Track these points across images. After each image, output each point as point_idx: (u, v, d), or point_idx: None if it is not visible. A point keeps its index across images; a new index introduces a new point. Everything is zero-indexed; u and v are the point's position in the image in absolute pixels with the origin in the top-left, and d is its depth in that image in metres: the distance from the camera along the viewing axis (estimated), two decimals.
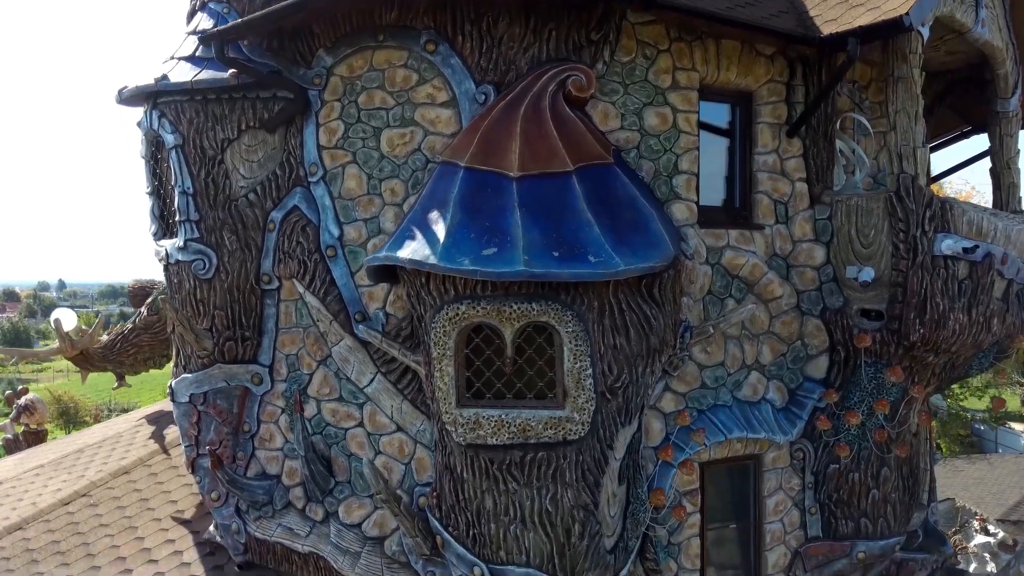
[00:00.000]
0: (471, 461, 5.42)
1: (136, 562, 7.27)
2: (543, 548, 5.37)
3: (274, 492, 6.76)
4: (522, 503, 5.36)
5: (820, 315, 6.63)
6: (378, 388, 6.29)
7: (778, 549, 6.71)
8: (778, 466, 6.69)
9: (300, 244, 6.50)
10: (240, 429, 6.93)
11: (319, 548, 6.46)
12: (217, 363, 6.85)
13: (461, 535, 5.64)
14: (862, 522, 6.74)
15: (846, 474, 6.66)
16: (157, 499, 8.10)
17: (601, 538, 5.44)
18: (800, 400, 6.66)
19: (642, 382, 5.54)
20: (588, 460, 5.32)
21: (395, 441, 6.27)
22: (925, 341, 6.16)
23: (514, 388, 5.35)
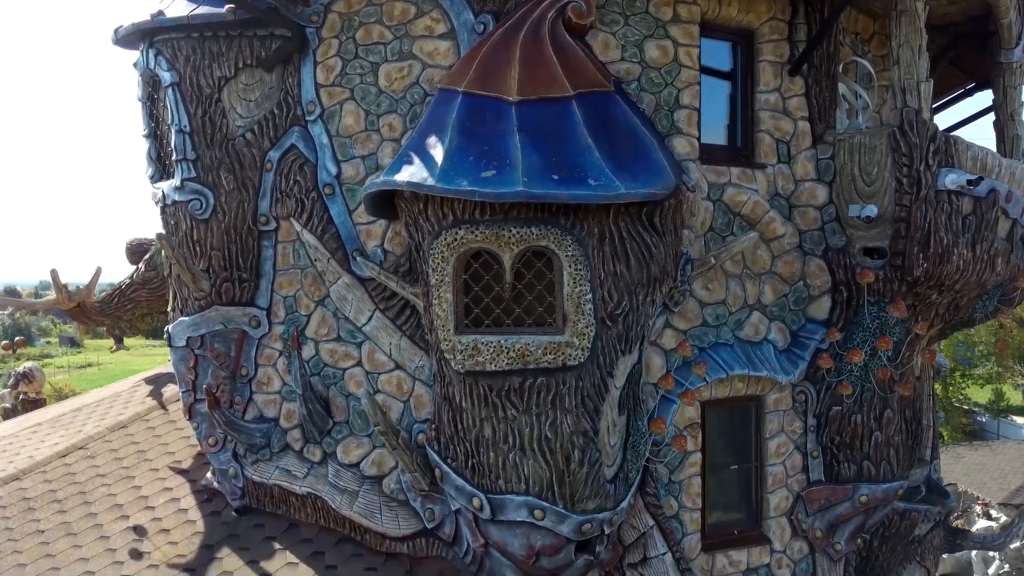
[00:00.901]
0: (470, 389, 5.36)
1: (133, 509, 7.22)
2: (542, 476, 5.32)
3: (272, 435, 6.70)
4: (521, 430, 5.30)
5: (822, 255, 6.57)
6: (376, 326, 6.23)
7: (780, 492, 6.65)
8: (780, 408, 6.63)
9: (297, 183, 6.45)
10: (238, 373, 6.87)
11: (317, 488, 6.41)
12: (214, 305, 6.80)
13: (460, 466, 5.58)
14: (864, 465, 6.68)
15: (848, 416, 6.60)
16: (154, 451, 8.05)
17: (601, 467, 5.38)
18: (802, 341, 6.59)
19: (642, 311, 5.48)
20: (588, 386, 5.26)
21: (393, 379, 6.22)
22: (929, 276, 6.09)
23: (513, 314, 5.30)
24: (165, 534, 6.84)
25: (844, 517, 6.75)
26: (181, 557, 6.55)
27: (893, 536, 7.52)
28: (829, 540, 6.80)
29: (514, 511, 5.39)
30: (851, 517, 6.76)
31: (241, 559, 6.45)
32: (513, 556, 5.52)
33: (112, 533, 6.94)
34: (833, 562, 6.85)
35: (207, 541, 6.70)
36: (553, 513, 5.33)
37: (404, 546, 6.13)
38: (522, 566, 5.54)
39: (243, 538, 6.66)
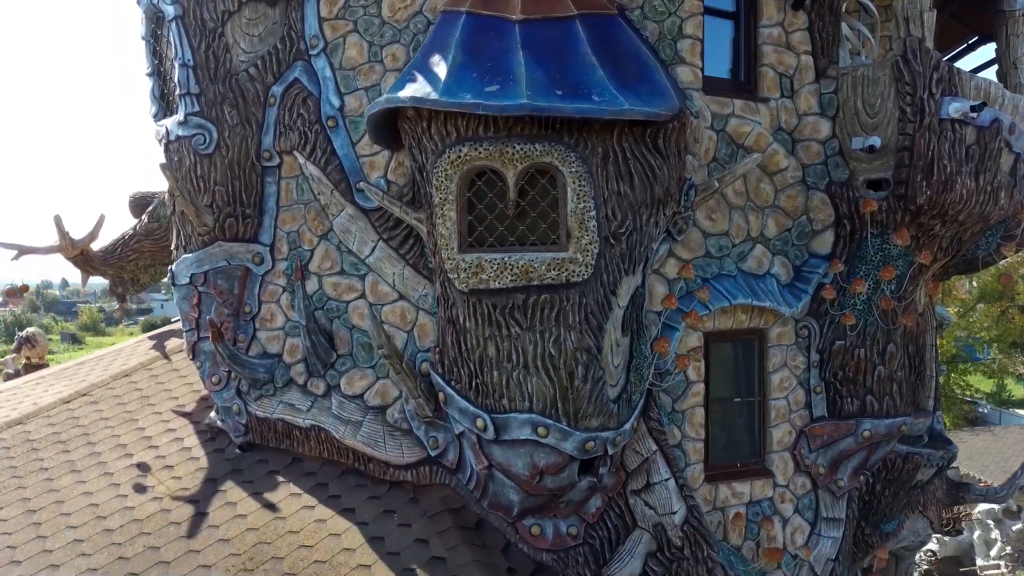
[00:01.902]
0: (473, 309, 5.37)
1: (137, 449, 7.24)
2: (546, 393, 5.32)
3: (275, 370, 6.71)
4: (525, 348, 5.30)
5: (825, 189, 6.57)
6: (380, 256, 6.24)
7: (783, 426, 6.66)
8: (782, 343, 6.63)
9: (301, 116, 6.45)
10: (241, 311, 6.88)
11: (320, 421, 6.42)
12: (218, 241, 6.81)
13: (464, 388, 5.59)
14: (867, 400, 6.68)
15: (852, 350, 6.60)
16: (158, 397, 8.08)
17: (604, 385, 5.39)
18: (805, 276, 6.60)
19: (646, 231, 5.48)
20: (591, 303, 5.26)
21: (397, 309, 6.23)
22: (932, 205, 6.10)
23: (517, 232, 5.30)
24: (169, 470, 6.86)
25: (847, 453, 6.76)
26: (185, 490, 6.58)
27: (896, 480, 7.53)
28: (832, 477, 6.80)
29: (518, 429, 5.39)
30: (854, 453, 6.76)
31: (244, 491, 6.47)
32: (517, 476, 5.53)
33: (116, 470, 6.96)
34: (836, 498, 6.86)
35: (210, 476, 6.73)
36: (557, 430, 5.33)
37: (408, 474, 6.14)
38: (525, 486, 5.55)
39: (246, 472, 6.68)
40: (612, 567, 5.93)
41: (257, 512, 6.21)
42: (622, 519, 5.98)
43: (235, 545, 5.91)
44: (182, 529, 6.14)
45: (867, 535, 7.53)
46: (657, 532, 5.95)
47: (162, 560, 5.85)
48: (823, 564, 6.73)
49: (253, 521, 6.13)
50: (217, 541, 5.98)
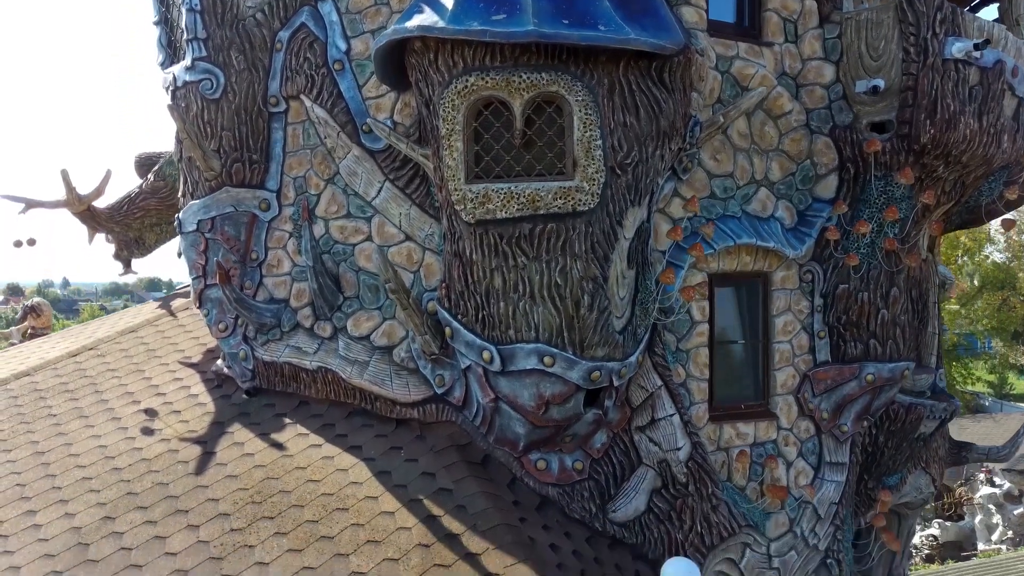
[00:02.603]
0: (480, 240, 5.41)
1: (144, 396, 7.29)
2: (552, 322, 5.36)
3: (282, 315, 6.76)
4: (531, 278, 5.34)
5: (829, 133, 6.59)
6: (386, 197, 6.28)
7: (786, 370, 6.69)
8: (786, 287, 6.67)
9: (307, 60, 6.49)
10: (248, 258, 6.93)
11: (327, 362, 6.46)
12: (224, 187, 6.85)
13: (470, 321, 5.63)
14: (871, 344, 6.72)
15: (855, 294, 6.63)
16: (164, 349, 8.13)
17: (610, 315, 5.43)
18: (809, 220, 6.63)
19: (651, 164, 5.52)
20: (597, 233, 5.30)
21: (403, 250, 6.27)
22: (935, 144, 6.13)
23: (523, 162, 5.34)
24: (176, 415, 6.92)
25: (850, 397, 6.79)
26: (192, 432, 6.63)
27: (899, 431, 7.55)
28: (835, 421, 6.83)
29: (524, 359, 5.44)
30: (857, 397, 6.79)
31: (251, 433, 6.52)
32: (523, 408, 5.57)
33: (124, 416, 7.02)
34: (839, 443, 6.89)
35: (217, 419, 6.78)
36: (563, 359, 5.38)
37: (414, 411, 6.18)
38: (532, 418, 5.59)
39: (253, 416, 6.73)
40: (617, 503, 5.97)
41: (264, 451, 6.26)
42: (627, 455, 6.02)
43: (243, 481, 5.96)
44: (190, 467, 6.19)
45: (870, 489, 7.57)
46: (662, 469, 5.99)
47: (171, 495, 5.90)
48: (826, 507, 6.77)
49: (260, 459, 6.17)
50: (225, 477, 6.03)
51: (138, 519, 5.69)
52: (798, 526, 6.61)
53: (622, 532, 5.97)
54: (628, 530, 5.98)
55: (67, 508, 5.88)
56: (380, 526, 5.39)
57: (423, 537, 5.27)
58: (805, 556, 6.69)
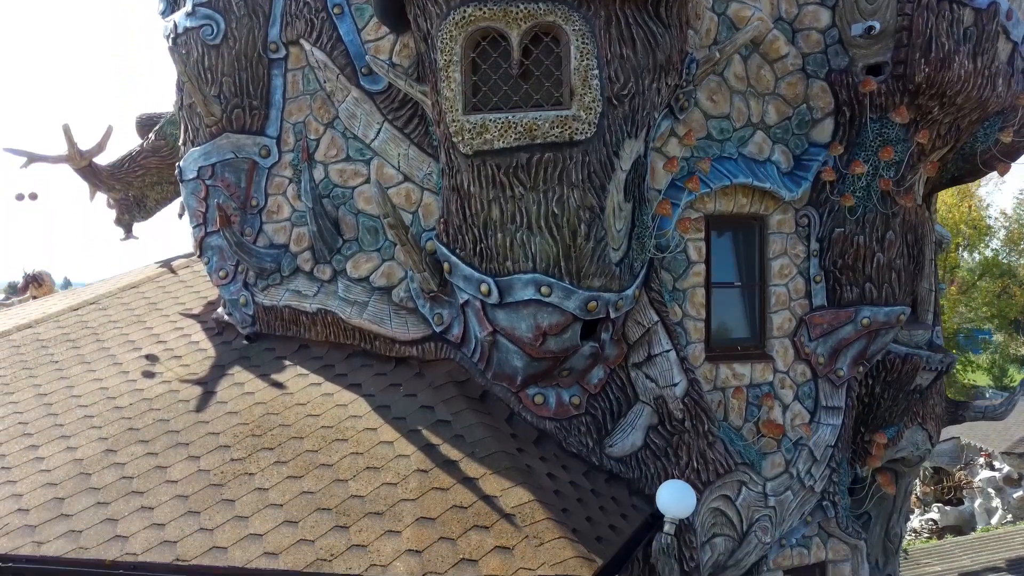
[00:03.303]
0: (478, 171, 5.45)
1: (145, 344, 7.35)
2: (549, 252, 5.41)
3: (282, 260, 6.81)
4: (528, 208, 5.39)
5: (825, 77, 6.62)
6: (385, 138, 6.33)
7: (783, 313, 6.73)
8: (783, 230, 6.71)
9: (307, 4, 6.54)
10: (248, 204, 6.98)
11: (327, 304, 6.52)
12: (225, 132, 6.90)
13: (468, 254, 5.67)
14: (867, 287, 6.76)
15: (851, 237, 6.68)
16: (165, 303, 8.19)
17: (606, 246, 5.48)
18: (805, 164, 6.67)
19: (648, 97, 5.56)
20: (594, 163, 5.35)
21: (402, 191, 6.32)
22: (930, 84, 6.17)
23: (520, 92, 5.38)
24: (177, 359, 6.97)
25: (846, 342, 6.83)
26: (193, 375, 6.68)
27: (895, 382, 7.60)
28: (831, 366, 6.88)
29: (521, 290, 5.48)
30: (853, 342, 6.83)
31: (251, 374, 6.57)
32: (520, 340, 5.62)
33: (125, 361, 7.07)
34: (835, 388, 6.93)
35: (218, 363, 6.83)
36: (560, 289, 5.42)
37: (413, 350, 6.24)
38: (529, 350, 5.64)
39: (253, 359, 6.78)
40: (613, 438, 6.02)
41: (264, 390, 6.31)
42: (624, 392, 6.07)
43: (243, 416, 6.01)
44: (191, 405, 6.25)
45: (867, 442, 7.61)
46: (658, 405, 6.04)
47: (171, 430, 5.96)
48: (822, 449, 6.81)
49: (260, 397, 6.23)
50: (225, 413, 6.08)
51: (139, 451, 5.74)
52: (794, 467, 6.65)
53: (619, 467, 6.02)
54: (625, 465, 6.03)
55: (69, 443, 5.94)
56: (379, 454, 5.44)
57: (421, 463, 5.33)
58: (801, 497, 6.74)
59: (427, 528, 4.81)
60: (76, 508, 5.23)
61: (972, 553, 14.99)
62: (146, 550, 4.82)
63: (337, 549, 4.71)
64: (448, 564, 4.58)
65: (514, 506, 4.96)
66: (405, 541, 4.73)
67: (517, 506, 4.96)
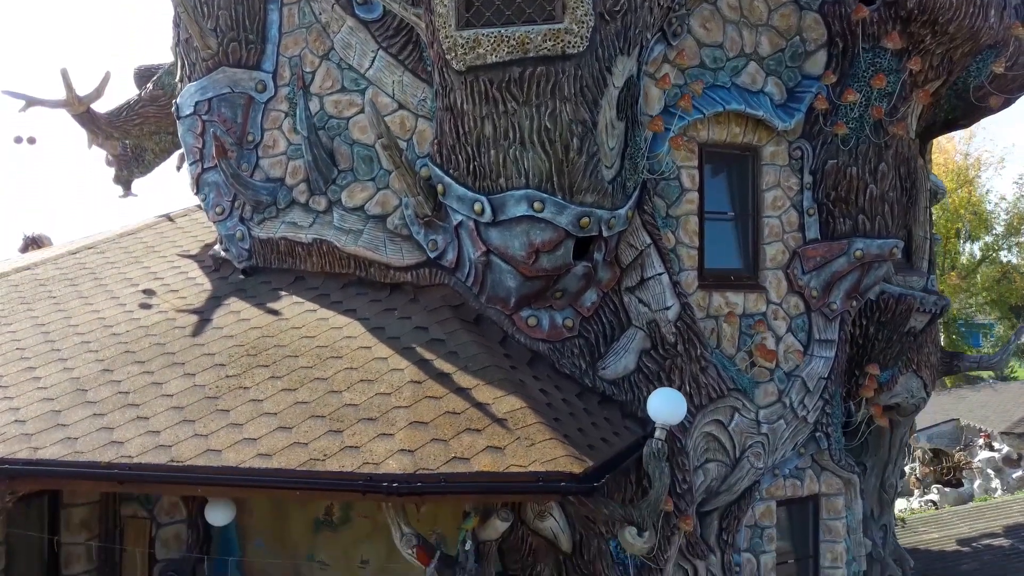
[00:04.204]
0: (471, 88, 5.49)
1: (142, 281, 7.39)
2: (542, 167, 5.45)
3: (278, 193, 6.85)
4: (521, 123, 5.43)
5: (818, 9, 6.66)
6: (380, 67, 6.37)
7: (776, 244, 6.77)
8: (776, 162, 6.75)
9: None
10: (244, 140, 7.02)
11: (322, 234, 6.55)
12: (221, 66, 6.94)
13: (461, 174, 5.71)
14: (860, 219, 6.79)
15: (844, 169, 6.71)
16: (163, 247, 8.23)
17: (599, 162, 5.51)
18: (798, 95, 6.70)
19: (640, 15, 5.60)
20: (586, 76, 5.38)
21: (397, 119, 6.35)
22: (922, 9, 6.21)
23: (513, 6, 5.42)
24: (174, 293, 7.01)
25: (840, 274, 6.86)
26: (189, 306, 6.72)
27: (889, 322, 7.63)
28: (825, 300, 6.91)
29: (514, 207, 5.52)
30: (846, 274, 6.86)
31: (248, 303, 6.61)
32: (513, 259, 5.66)
33: (122, 296, 7.11)
34: (829, 321, 6.96)
35: (214, 295, 6.87)
36: (552, 204, 5.46)
37: (408, 275, 6.28)
38: (523, 268, 5.68)
39: (250, 291, 6.82)
40: (606, 360, 6.06)
41: (260, 316, 6.36)
42: (617, 316, 6.11)
43: (239, 339, 6.05)
44: (187, 331, 6.29)
45: (861, 385, 7.63)
46: (651, 329, 6.08)
47: (168, 352, 6.00)
48: (815, 381, 6.84)
49: (256, 323, 6.27)
50: (221, 337, 6.12)
51: (135, 371, 5.79)
52: (787, 396, 6.69)
53: (612, 389, 6.06)
54: (618, 387, 6.06)
55: (66, 364, 5.98)
56: (373, 368, 5.49)
57: (415, 376, 5.37)
58: (794, 427, 6.77)
59: (420, 431, 4.86)
60: (72, 419, 5.27)
61: (970, 521, 15.02)
62: (141, 453, 4.87)
63: (330, 450, 4.76)
64: (440, 462, 4.62)
65: (506, 412, 5.00)
66: (398, 442, 4.77)
67: (509, 412, 5.00)
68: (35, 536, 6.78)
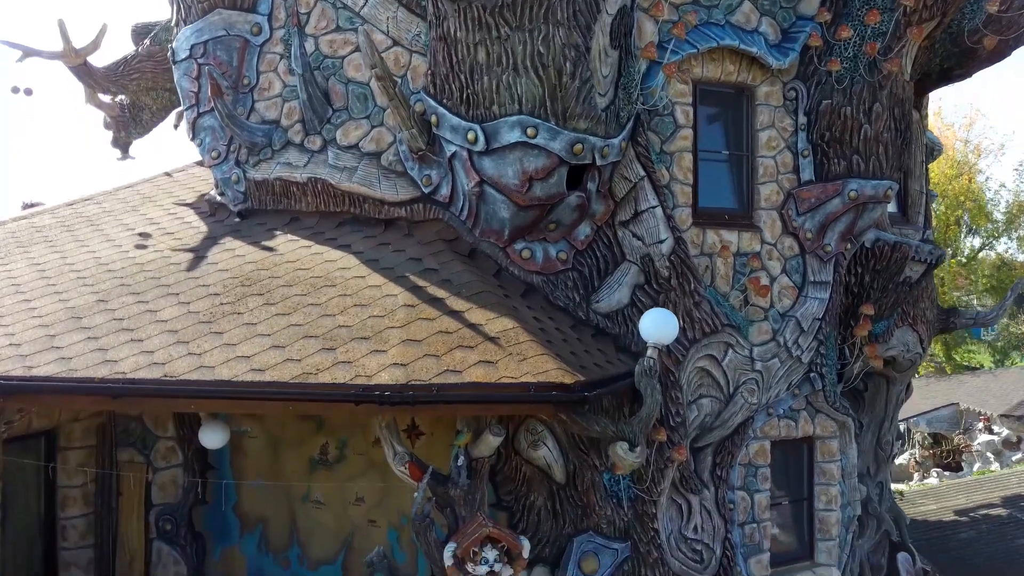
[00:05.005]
0: (464, 15, 5.50)
1: (140, 225, 7.41)
2: (535, 92, 5.46)
3: (273, 134, 6.86)
4: (514, 49, 5.44)
5: None
6: (374, 4, 6.38)
7: (770, 185, 6.77)
8: (770, 103, 6.75)
9: None
10: (240, 83, 7.03)
11: (317, 173, 6.57)
12: (217, 8, 6.95)
13: (455, 103, 5.73)
14: (854, 159, 6.79)
15: (838, 109, 6.70)
16: (160, 197, 8.25)
17: (592, 88, 5.53)
18: (792, 36, 6.69)
19: None
20: (579, 1, 5.40)
21: (391, 56, 6.35)
22: None
23: None
24: (170, 235, 7.03)
25: (834, 215, 6.85)
26: (185, 245, 6.74)
27: (884, 270, 7.63)
28: (820, 242, 6.90)
29: (507, 133, 5.53)
30: (841, 215, 6.86)
31: (243, 242, 6.62)
32: (507, 187, 5.67)
33: (118, 239, 7.13)
34: (823, 263, 6.96)
35: (210, 236, 6.89)
36: (545, 129, 5.48)
37: (402, 211, 6.30)
38: (516, 197, 5.69)
39: (245, 232, 6.84)
40: (600, 294, 6.08)
41: (255, 252, 6.38)
42: (611, 250, 6.12)
43: (233, 272, 6.07)
44: (182, 267, 6.31)
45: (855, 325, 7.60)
46: (645, 264, 6.08)
47: (162, 284, 6.02)
48: (809, 321, 6.84)
49: (251, 258, 6.29)
50: (216, 271, 6.14)
51: (130, 300, 5.81)
52: (781, 336, 6.69)
53: (605, 322, 6.07)
54: (612, 321, 6.08)
55: (61, 296, 6.00)
56: (367, 295, 5.51)
57: (409, 300, 5.39)
58: (789, 366, 6.78)
59: (412, 347, 4.88)
60: (67, 342, 5.29)
61: (967, 493, 15.03)
62: (135, 370, 4.89)
63: (323, 366, 4.78)
64: (432, 374, 4.64)
65: (498, 331, 5.02)
66: (390, 357, 4.79)
67: (501, 331, 5.02)
68: (31, 479, 6.83)
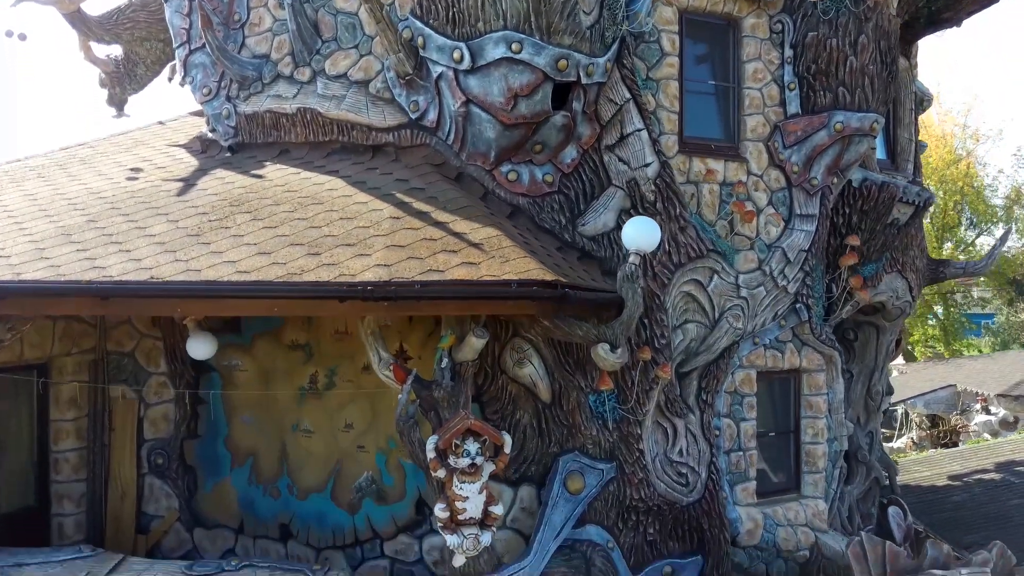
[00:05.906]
0: None
1: (133, 163, 7.46)
2: (519, 7, 5.51)
3: (263, 68, 6.91)
4: None
5: None
6: None
7: (756, 117, 6.82)
8: (756, 35, 6.79)
9: None
10: (231, 20, 7.08)
11: (306, 103, 6.63)
12: None
13: (441, 23, 5.77)
14: (840, 92, 6.83)
15: (824, 41, 6.75)
16: (154, 140, 8.30)
17: (577, 5, 5.58)
18: None
19: None
20: None
21: None
22: None
23: None
24: (161, 169, 7.09)
25: (820, 148, 6.89)
26: (176, 176, 6.79)
27: (872, 211, 7.68)
28: (806, 175, 6.95)
29: (492, 49, 5.58)
30: (827, 148, 6.89)
31: (233, 172, 6.68)
32: (493, 106, 5.72)
33: (110, 172, 7.19)
34: (809, 196, 7.00)
35: (201, 168, 6.94)
36: (530, 44, 5.52)
37: (390, 136, 6.35)
38: (501, 115, 5.73)
39: (235, 164, 6.90)
40: (586, 217, 6.12)
41: (244, 178, 6.44)
42: (596, 175, 6.16)
43: (222, 196, 6.13)
44: (172, 193, 6.36)
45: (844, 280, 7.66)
46: (631, 188, 6.13)
47: (152, 206, 6.08)
48: (795, 253, 6.88)
49: (240, 184, 6.34)
50: (206, 195, 6.20)
51: (120, 220, 5.86)
52: (767, 265, 6.74)
53: (591, 246, 6.11)
54: (597, 244, 6.12)
55: (52, 219, 6.05)
56: (353, 210, 5.56)
57: (394, 214, 5.45)
58: (774, 296, 6.82)
59: (396, 251, 4.94)
60: (56, 254, 5.34)
61: (961, 460, 15.08)
62: (123, 275, 4.94)
63: (308, 267, 4.84)
64: (415, 273, 4.69)
65: (482, 238, 5.08)
66: (374, 260, 4.85)
67: (485, 238, 5.08)
68: (24, 411, 6.89)
